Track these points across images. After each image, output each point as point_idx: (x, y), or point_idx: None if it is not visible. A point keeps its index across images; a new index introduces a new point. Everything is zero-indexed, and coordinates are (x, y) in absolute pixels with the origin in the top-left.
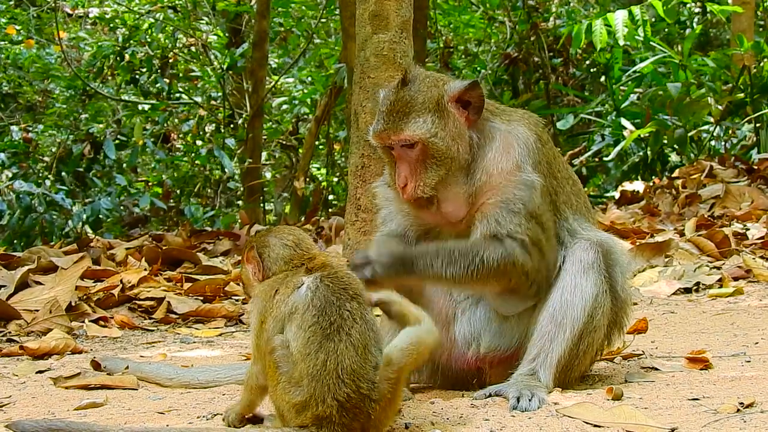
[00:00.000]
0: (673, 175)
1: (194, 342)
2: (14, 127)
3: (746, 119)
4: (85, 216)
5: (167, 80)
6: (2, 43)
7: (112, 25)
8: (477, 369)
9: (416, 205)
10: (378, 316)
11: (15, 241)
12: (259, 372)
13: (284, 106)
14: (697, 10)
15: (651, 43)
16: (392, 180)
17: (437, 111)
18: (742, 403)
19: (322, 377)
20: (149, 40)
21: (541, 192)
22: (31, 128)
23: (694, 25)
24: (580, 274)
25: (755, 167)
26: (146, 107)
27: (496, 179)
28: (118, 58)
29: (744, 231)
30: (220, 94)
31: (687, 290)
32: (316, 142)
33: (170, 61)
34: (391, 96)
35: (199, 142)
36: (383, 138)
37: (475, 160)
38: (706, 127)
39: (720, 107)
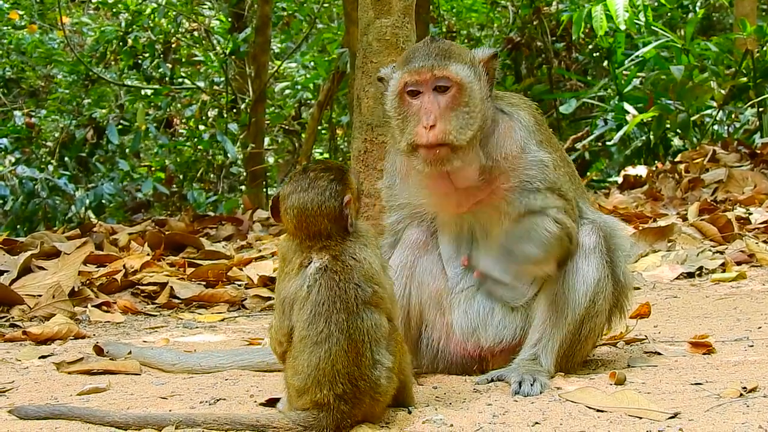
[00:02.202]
0: (675, 160)
1: (197, 327)
2: (17, 112)
3: (749, 103)
4: (87, 201)
5: (170, 65)
6: (5, 28)
7: (114, 10)
8: (478, 357)
9: (435, 159)
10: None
11: (18, 227)
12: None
13: (287, 91)
14: None
15: (653, 27)
16: (408, 131)
17: (472, 66)
18: (745, 388)
19: (317, 376)
20: (152, 25)
21: (553, 166)
22: (34, 113)
23: (697, 9)
24: (582, 259)
25: (758, 151)
26: (149, 92)
27: (504, 164)
28: (120, 43)
29: (747, 215)
30: (222, 79)
31: (690, 275)
32: (319, 127)
33: (173, 46)
34: (424, 45)
35: (201, 127)
36: (421, 73)
37: (485, 137)
38: (708, 111)
39: (723, 91)
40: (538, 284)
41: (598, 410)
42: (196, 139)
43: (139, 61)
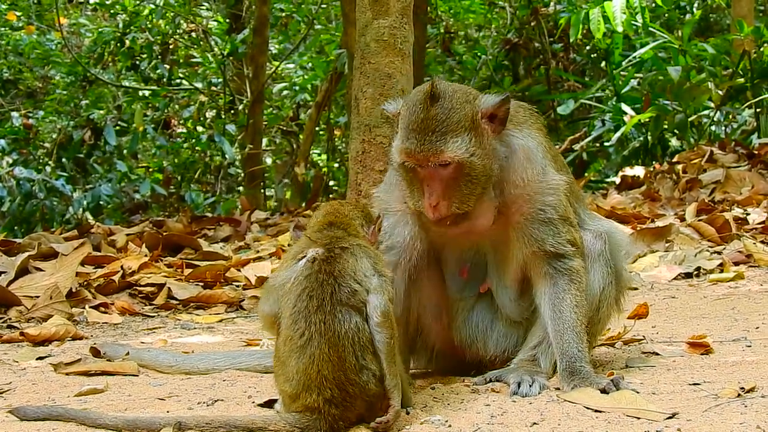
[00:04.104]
0: (673, 160)
1: (195, 328)
2: (15, 114)
3: (746, 104)
4: (85, 202)
5: (168, 66)
6: (3, 29)
7: (112, 11)
8: (476, 362)
9: (443, 223)
10: None
11: (15, 228)
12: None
13: (285, 92)
14: None
15: (651, 29)
16: (415, 199)
17: (473, 129)
18: (743, 388)
19: (306, 381)
20: (150, 26)
21: (564, 191)
22: (31, 114)
23: (694, 10)
24: (588, 266)
25: (755, 152)
26: (147, 93)
27: (522, 189)
28: (118, 44)
29: (744, 216)
30: (220, 80)
31: (688, 275)
32: (317, 128)
33: (171, 47)
34: (422, 113)
35: (199, 128)
36: (419, 159)
37: (501, 173)
38: (706, 112)
39: (720, 92)
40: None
41: (596, 411)
42: (194, 140)
43: (137, 62)
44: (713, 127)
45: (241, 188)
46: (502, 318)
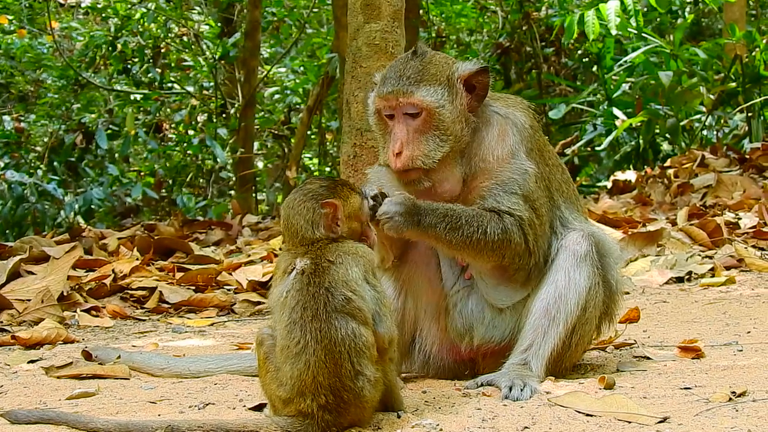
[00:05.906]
0: (665, 165)
1: (186, 331)
2: (6, 117)
3: (738, 109)
4: (77, 206)
5: (159, 70)
6: None
7: (104, 14)
8: (470, 360)
9: (407, 180)
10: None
11: (7, 231)
12: None
13: (276, 96)
14: None
15: (642, 33)
16: (385, 152)
17: (447, 85)
18: (734, 392)
19: (300, 387)
20: (141, 29)
21: (535, 178)
22: (23, 118)
23: (686, 14)
24: (574, 268)
25: (747, 156)
26: (138, 97)
27: (491, 165)
28: (110, 48)
29: (736, 220)
30: (212, 83)
31: (679, 279)
32: (308, 132)
33: (162, 50)
34: (401, 63)
35: (191, 132)
36: (389, 99)
37: (472, 142)
38: (698, 116)
39: (712, 97)
40: (527, 289)
41: (587, 414)
42: (185, 144)
43: (129, 66)
44: (705, 132)
45: (232, 192)
46: (488, 306)
